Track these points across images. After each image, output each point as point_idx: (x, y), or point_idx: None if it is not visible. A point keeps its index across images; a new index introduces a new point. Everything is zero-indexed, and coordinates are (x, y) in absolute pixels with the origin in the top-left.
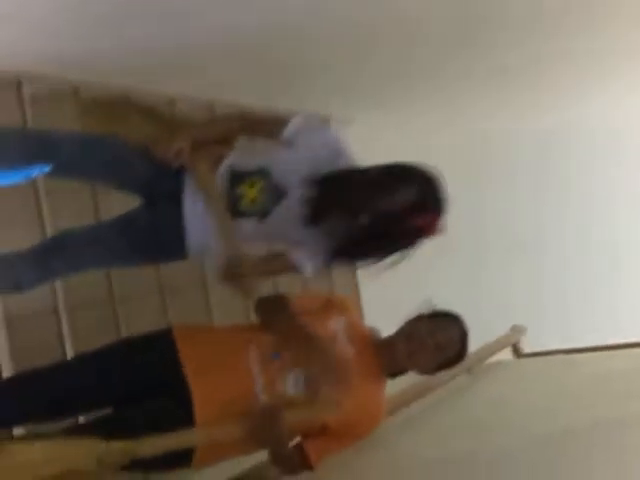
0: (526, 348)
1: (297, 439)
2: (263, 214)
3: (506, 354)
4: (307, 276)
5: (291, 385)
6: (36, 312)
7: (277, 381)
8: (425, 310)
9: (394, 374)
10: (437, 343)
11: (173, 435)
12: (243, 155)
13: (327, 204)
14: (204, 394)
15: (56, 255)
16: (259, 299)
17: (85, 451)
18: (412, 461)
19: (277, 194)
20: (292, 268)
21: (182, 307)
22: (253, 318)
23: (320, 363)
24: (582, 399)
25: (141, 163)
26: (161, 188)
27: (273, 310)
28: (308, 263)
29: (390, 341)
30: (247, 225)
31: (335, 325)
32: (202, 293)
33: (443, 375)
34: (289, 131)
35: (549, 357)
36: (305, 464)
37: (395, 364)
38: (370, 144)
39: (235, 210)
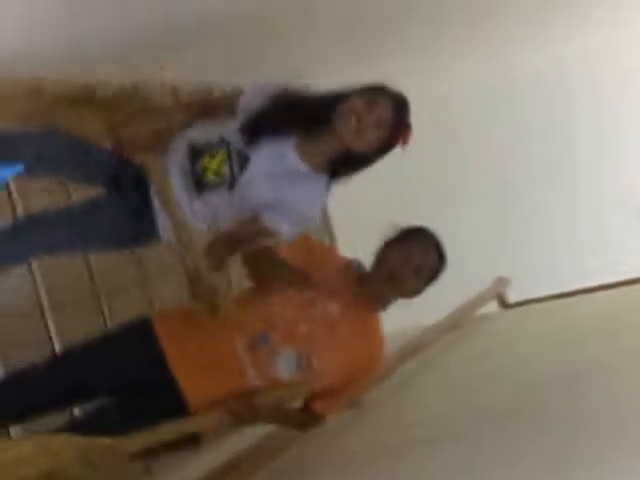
0: (511, 298)
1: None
2: (230, 183)
3: (492, 307)
4: (285, 238)
5: (284, 367)
6: (21, 312)
7: (269, 367)
8: (392, 234)
9: (384, 306)
10: (415, 267)
11: (159, 428)
12: (201, 129)
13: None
14: (198, 397)
15: (27, 232)
16: (246, 257)
17: (67, 448)
18: (403, 423)
19: (241, 161)
20: (267, 232)
21: (166, 298)
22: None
23: None
24: (571, 344)
25: (102, 152)
26: (126, 175)
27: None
28: (284, 223)
29: (369, 281)
30: (216, 197)
31: (311, 291)
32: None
33: (431, 334)
34: (244, 100)
35: (536, 305)
36: (316, 418)
37: (382, 301)
38: None
39: (201, 184)
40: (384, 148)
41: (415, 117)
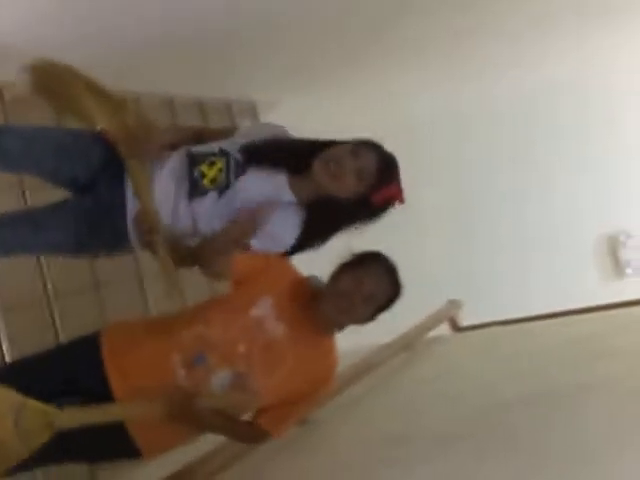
0: (464, 321)
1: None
2: (223, 189)
3: (444, 329)
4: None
5: (216, 385)
6: None
7: (203, 384)
8: (346, 258)
9: (337, 328)
10: (366, 296)
11: (94, 407)
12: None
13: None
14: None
15: None
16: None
17: (3, 398)
18: (351, 442)
19: (238, 172)
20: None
21: (118, 301)
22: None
23: None
24: (520, 369)
25: (96, 149)
26: (108, 171)
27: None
28: (255, 239)
29: (321, 301)
30: (205, 202)
31: (260, 310)
32: (139, 287)
33: (383, 353)
34: (240, 132)
35: (487, 329)
36: (261, 433)
37: (332, 322)
38: (299, 125)
39: (195, 189)
40: (367, 206)
41: (382, 140)
